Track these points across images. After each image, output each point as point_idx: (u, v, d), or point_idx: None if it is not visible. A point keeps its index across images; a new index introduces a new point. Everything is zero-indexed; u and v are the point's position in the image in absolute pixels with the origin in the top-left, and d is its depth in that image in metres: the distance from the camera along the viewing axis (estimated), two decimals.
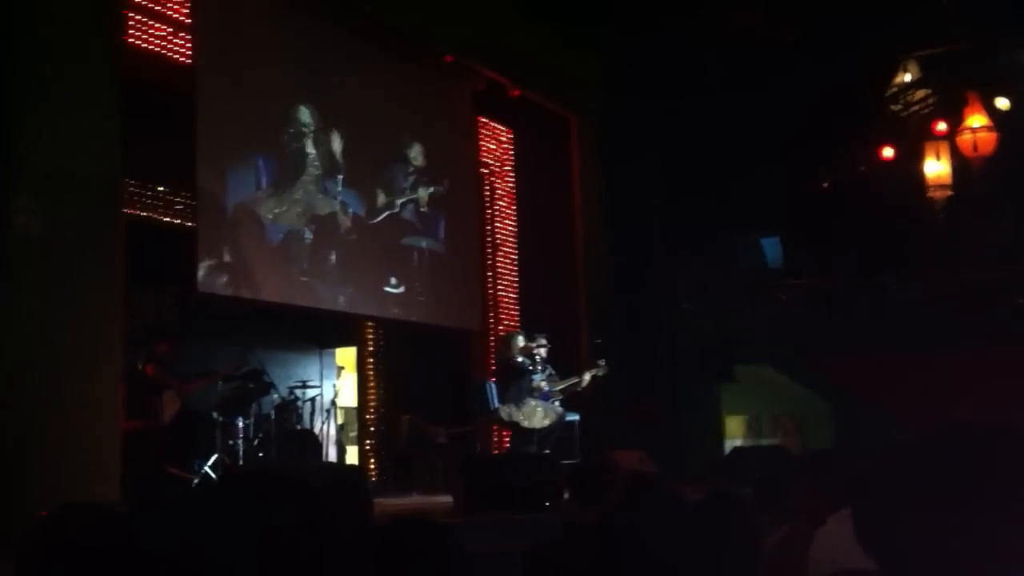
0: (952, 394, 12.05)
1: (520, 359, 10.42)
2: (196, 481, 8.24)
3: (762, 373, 14.28)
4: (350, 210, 10.20)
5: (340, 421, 11.72)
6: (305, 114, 9.74)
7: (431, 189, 11.09)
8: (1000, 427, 1.45)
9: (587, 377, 10.66)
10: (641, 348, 12.50)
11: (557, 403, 10.51)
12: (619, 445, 10.07)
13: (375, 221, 10.50)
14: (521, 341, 10.59)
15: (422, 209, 11.07)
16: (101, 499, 5.86)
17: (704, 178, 12.87)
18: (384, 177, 10.71)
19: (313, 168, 9.77)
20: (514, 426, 10.34)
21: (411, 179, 10.98)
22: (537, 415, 10.33)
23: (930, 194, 12.94)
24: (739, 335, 13.59)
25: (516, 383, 10.35)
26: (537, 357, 10.50)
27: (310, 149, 9.77)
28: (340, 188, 10.04)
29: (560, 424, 10.56)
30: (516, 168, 13.20)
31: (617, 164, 13.12)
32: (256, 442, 9.27)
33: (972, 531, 1.36)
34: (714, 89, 12.37)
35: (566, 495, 7.74)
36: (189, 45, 8.71)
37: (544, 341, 10.59)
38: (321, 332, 11.89)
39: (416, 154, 11.07)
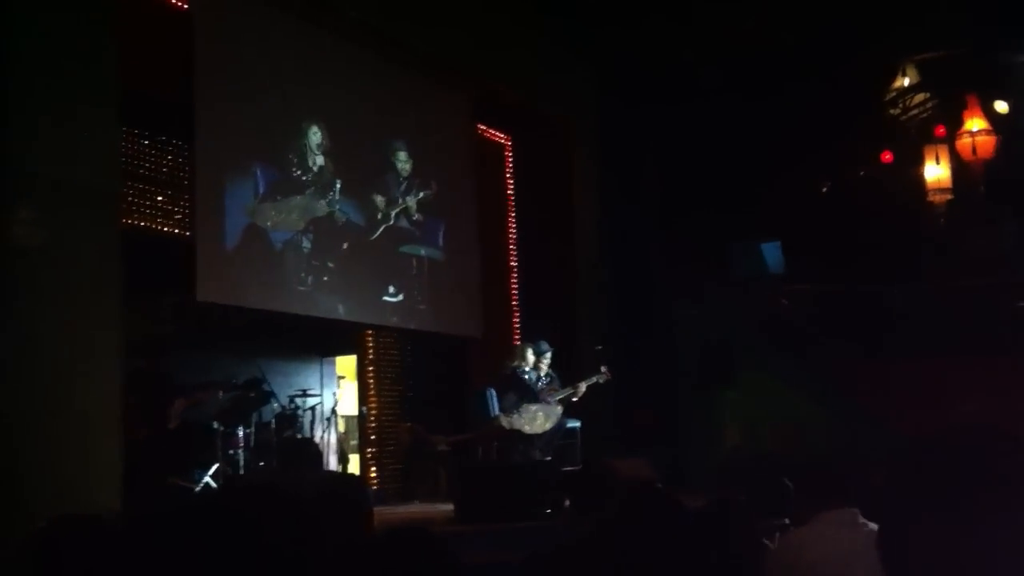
0: (952, 401, 12.01)
1: (526, 372, 10.41)
2: (197, 491, 8.23)
3: (762, 380, 14.23)
4: (349, 219, 10.19)
5: (341, 429, 11.70)
6: (303, 125, 9.74)
7: (420, 195, 11.08)
8: (1003, 430, 1.44)
9: (583, 387, 10.64)
10: (640, 354, 12.46)
11: (558, 406, 10.48)
12: (619, 453, 10.05)
13: (374, 237, 10.52)
14: (531, 356, 10.54)
15: (416, 216, 11.06)
16: (101, 509, 5.85)
17: (702, 183, 12.84)
18: (381, 186, 10.71)
19: (312, 178, 9.78)
20: (516, 433, 10.32)
21: (404, 185, 10.98)
22: (538, 419, 10.32)
23: (930, 198, 12.92)
24: (739, 341, 13.54)
25: (515, 393, 10.34)
26: (542, 368, 10.51)
27: (309, 161, 9.77)
28: (338, 198, 10.04)
29: (562, 425, 10.55)
30: (514, 175, 13.19)
31: (615, 170, 13.12)
32: (257, 451, 9.25)
33: (979, 536, 1.36)
34: (712, 95, 12.35)
35: (566, 503, 7.73)
36: (189, 54, 8.70)
37: (549, 353, 10.57)
38: (321, 341, 11.88)
39: (412, 162, 11.07)
